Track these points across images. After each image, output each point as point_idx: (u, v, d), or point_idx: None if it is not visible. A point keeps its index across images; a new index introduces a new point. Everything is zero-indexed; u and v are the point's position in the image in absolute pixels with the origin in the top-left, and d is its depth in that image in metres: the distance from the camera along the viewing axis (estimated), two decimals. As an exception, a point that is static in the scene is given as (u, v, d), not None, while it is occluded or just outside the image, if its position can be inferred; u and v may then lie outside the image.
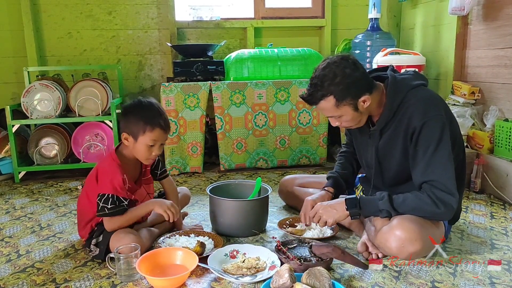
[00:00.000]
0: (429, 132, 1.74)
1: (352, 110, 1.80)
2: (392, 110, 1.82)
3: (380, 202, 1.79)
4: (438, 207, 1.72)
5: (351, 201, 1.85)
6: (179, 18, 3.92)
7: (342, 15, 4.15)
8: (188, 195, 2.44)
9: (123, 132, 1.89)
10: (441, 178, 1.72)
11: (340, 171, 2.21)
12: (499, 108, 2.83)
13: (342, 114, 1.81)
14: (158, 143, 1.90)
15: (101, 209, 1.83)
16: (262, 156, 3.42)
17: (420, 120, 1.75)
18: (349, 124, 1.89)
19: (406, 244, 1.72)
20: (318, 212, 1.91)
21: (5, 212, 2.57)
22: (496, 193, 2.65)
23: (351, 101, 1.77)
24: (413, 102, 1.79)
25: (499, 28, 2.87)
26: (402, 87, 1.83)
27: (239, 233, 2.12)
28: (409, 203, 1.76)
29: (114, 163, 1.88)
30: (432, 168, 1.74)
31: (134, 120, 1.87)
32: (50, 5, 3.71)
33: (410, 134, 1.79)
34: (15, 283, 1.72)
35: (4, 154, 3.34)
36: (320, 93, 1.77)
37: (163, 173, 2.16)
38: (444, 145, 1.74)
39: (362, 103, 1.79)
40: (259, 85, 3.32)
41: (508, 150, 2.65)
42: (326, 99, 1.77)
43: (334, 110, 1.80)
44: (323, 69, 1.77)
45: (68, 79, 3.70)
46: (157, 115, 1.89)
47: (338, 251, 1.75)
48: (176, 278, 1.66)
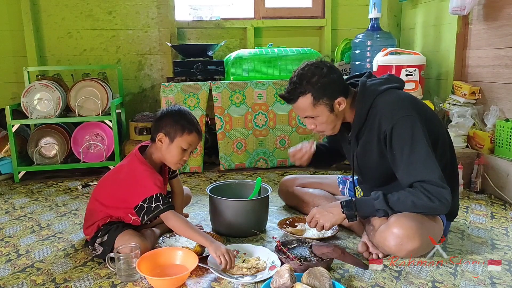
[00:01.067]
0: (399, 135, 1.77)
1: (328, 111, 1.85)
2: (362, 116, 1.88)
3: (376, 202, 1.79)
4: (432, 201, 1.71)
5: (347, 203, 1.85)
6: (179, 18, 3.92)
7: (342, 15, 4.15)
8: (190, 195, 2.44)
9: (159, 133, 1.90)
10: (426, 176, 1.73)
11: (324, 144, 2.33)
12: (499, 108, 2.83)
13: (318, 115, 1.86)
14: (190, 148, 1.92)
15: (155, 208, 1.81)
16: (262, 156, 3.41)
17: (388, 124, 1.78)
18: (324, 128, 1.92)
19: (404, 242, 1.71)
20: (314, 217, 1.92)
21: (5, 212, 2.57)
22: (497, 193, 2.64)
23: (327, 101, 1.83)
24: (380, 107, 1.83)
25: (499, 28, 2.87)
26: (370, 92, 1.87)
27: (239, 233, 2.12)
28: (405, 200, 1.75)
29: (147, 166, 1.89)
30: (414, 168, 1.75)
31: (173, 122, 1.90)
32: (50, 5, 3.71)
33: (382, 139, 1.82)
34: (14, 283, 1.72)
35: (3, 154, 3.34)
36: (298, 91, 1.84)
37: (174, 172, 2.17)
38: (418, 143, 1.75)
39: (337, 105, 1.85)
40: (259, 85, 3.32)
41: (508, 150, 2.64)
42: (304, 97, 1.83)
43: (310, 109, 1.85)
44: (302, 69, 1.86)
45: (68, 79, 3.70)
46: (195, 121, 1.95)
47: (338, 251, 1.75)
48: (176, 278, 1.66)
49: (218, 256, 1.72)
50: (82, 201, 2.74)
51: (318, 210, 1.93)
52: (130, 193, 1.85)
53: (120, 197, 1.89)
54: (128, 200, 1.86)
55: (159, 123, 1.92)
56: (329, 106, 1.84)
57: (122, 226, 1.92)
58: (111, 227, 1.91)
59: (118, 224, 1.92)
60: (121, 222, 1.95)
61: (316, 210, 1.93)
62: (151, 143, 1.97)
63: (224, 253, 1.72)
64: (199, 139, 1.95)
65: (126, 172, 1.91)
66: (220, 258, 1.71)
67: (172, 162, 1.93)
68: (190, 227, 1.83)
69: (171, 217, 1.82)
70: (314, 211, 1.93)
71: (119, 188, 1.90)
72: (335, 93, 1.84)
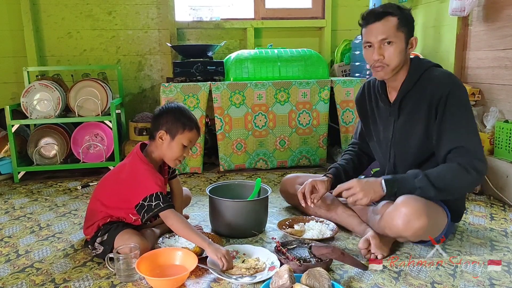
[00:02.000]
0: (456, 100, 1.81)
1: (404, 42, 1.87)
2: (414, 78, 1.91)
3: (416, 179, 1.81)
4: (469, 173, 1.75)
5: (388, 181, 1.86)
6: (179, 19, 3.93)
7: (342, 15, 4.16)
8: (189, 196, 2.44)
9: (159, 130, 1.91)
10: (468, 144, 1.77)
11: (343, 164, 2.26)
12: (499, 109, 2.83)
13: (395, 41, 1.85)
14: (190, 145, 1.94)
15: (155, 206, 1.82)
16: (262, 156, 3.42)
17: (445, 88, 1.82)
18: (391, 60, 1.87)
19: (411, 219, 1.74)
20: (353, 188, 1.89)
21: (5, 212, 2.57)
22: (496, 195, 2.65)
23: (407, 32, 1.87)
24: (435, 75, 1.88)
25: (499, 29, 2.87)
26: (425, 62, 1.96)
27: (239, 233, 2.12)
28: (445, 175, 1.79)
29: (147, 165, 1.90)
30: (461, 134, 1.79)
31: (173, 119, 1.91)
32: (50, 5, 3.72)
33: (435, 105, 1.84)
34: (14, 283, 1.72)
35: (3, 154, 3.34)
36: (390, 9, 1.86)
37: (173, 172, 2.18)
38: (470, 113, 1.82)
39: (411, 43, 1.90)
40: (259, 85, 3.32)
41: (508, 152, 2.64)
42: (392, 17, 1.85)
43: (393, 31, 1.85)
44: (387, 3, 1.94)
45: (68, 79, 3.70)
46: (194, 118, 1.97)
47: (338, 252, 1.75)
48: (175, 278, 1.66)
49: (220, 259, 1.72)
50: (82, 201, 2.74)
51: (360, 183, 1.89)
52: (131, 192, 1.85)
53: (121, 196, 1.89)
54: (129, 199, 1.86)
55: (159, 120, 1.93)
56: (406, 39, 1.88)
57: (122, 226, 1.92)
58: (111, 226, 1.91)
59: (118, 224, 1.93)
60: (122, 221, 1.95)
61: (357, 183, 1.89)
62: (150, 141, 1.97)
63: (224, 255, 1.73)
64: (198, 135, 1.97)
65: (128, 171, 1.92)
66: (222, 260, 1.72)
67: (172, 159, 1.94)
68: (189, 228, 1.83)
69: (170, 216, 1.83)
70: (354, 183, 1.90)
71: (121, 187, 1.90)
72: (413, 30, 1.90)
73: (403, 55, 1.88)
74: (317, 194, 2.10)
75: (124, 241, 1.83)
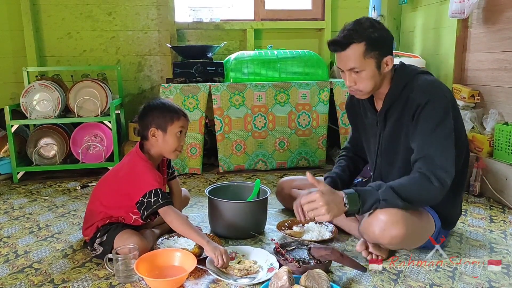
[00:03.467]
0: (431, 110, 1.74)
1: (375, 67, 1.79)
2: (398, 88, 1.84)
3: (380, 191, 1.72)
4: (431, 183, 1.69)
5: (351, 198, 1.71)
6: (179, 19, 3.93)
7: (342, 17, 4.16)
8: (188, 197, 2.44)
9: (150, 129, 1.93)
10: (436, 154, 1.71)
11: (338, 172, 2.18)
12: (498, 111, 2.83)
13: (364, 68, 1.78)
14: (184, 131, 1.97)
15: (154, 203, 1.82)
16: (261, 158, 3.42)
17: (424, 98, 1.75)
18: (364, 86, 1.82)
19: (387, 227, 1.70)
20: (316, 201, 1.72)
21: (4, 212, 2.56)
22: (496, 197, 2.65)
23: (377, 56, 1.78)
24: (419, 83, 1.81)
25: (499, 31, 2.88)
26: (410, 70, 1.88)
27: (238, 235, 2.12)
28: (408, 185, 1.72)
29: (146, 162, 1.92)
30: (429, 144, 1.73)
31: (159, 114, 1.94)
32: (50, 6, 3.71)
33: (412, 113, 1.79)
34: (13, 283, 1.72)
35: (3, 154, 3.33)
36: (353, 37, 1.76)
37: (173, 173, 2.19)
38: (444, 124, 1.73)
39: (385, 64, 1.81)
40: (259, 87, 3.32)
41: (507, 154, 2.64)
42: (357, 45, 1.76)
43: (359, 59, 1.77)
44: (358, 20, 1.81)
45: (68, 79, 3.70)
46: (178, 107, 2.00)
47: (337, 254, 1.75)
48: (174, 279, 1.66)
49: (217, 257, 1.73)
50: (81, 201, 2.74)
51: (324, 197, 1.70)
52: (131, 188, 1.86)
53: (121, 193, 1.90)
54: (129, 196, 1.87)
55: (146, 119, 1.95)
56: (378, 62, 1.79)
57: (121, 226, 1.92)
58: (110, 227, 1.92)
59: (117, 224, 1.93)
60: (121, 222, 1.95)
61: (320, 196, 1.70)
62: (143, 141, 1.98)
63: (222, 253, 1.74)
64: (188, 121, 2.00)
65: (127, 168, 1.94)
66: (218, 259, 1.72)
67: (171, 151, 1.95)
68: (187, 225, 1.84)
69: (170, 212, 1.84)
70: (318, 195, 1.71)
71: (120, 185, 1.91)
72: (386, 50, 1.81)
73: (376, 78, 1.82)
74: None
75: (123, 241, 1.83)
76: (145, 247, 1.86)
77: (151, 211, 1.83)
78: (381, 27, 1.81)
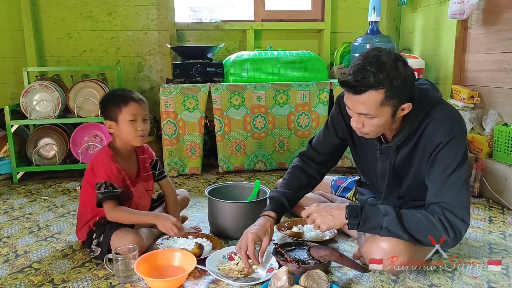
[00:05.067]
0: (452, 150, 1.60)
1: (390, 115, 1.57)
2: (415, 124, 1.66)
3: (385, 218, 1.59)
4: (447, 233, 1.55)
5: (352, 209, 1.63)
6: (179, 20, 3.93)
7: (342, 18, 4.16)
8: (187, 198, 2.44)
9: (105, 122, 1.97)
10: (454, 201, 1.57)
11: (285, 190, 1.95)
12: (498, 112, 2.84)
13: (378, 116, 1.56)
14: (139, 117, 1.94)
15: (97, 197, 1.87)
16: (261, 158, 3.42)
17: (445, 136, 1.59)
18: (372, 130, 1.63)
19: (389, 256, 1.61)
20: (312, 215, 1.71)
21: (3, 212, 2.56)
22: (495, 198, 2.65)
23: (396, 104, 1.55)
24: (437, 116, 1.63)
25: (498, 32, 2.88)
26: (427, 99, 1.66)
27: (238, 235, 2.10)
28: (421, 224, 1.57)
29: (106, 153, 1.94)
30: (447, 189, 1.59)
31: (107, 105, 1.96)
32: (50, 6, 3.71)
33: (430, 150, 1.64)
34: (12, 283, 1.72)
35: (2, 154, 3.33)
36: (372, 81, 1.48)
37: (161, 173, 2.20)
38: (463, 166, 1.60)
39: (401, 110, 1.59)
40: (258, 87, 3.32)
41: (507, 155, 2.65)
42: (375, 91, 1.50)
43: (374, 107, 1.53)
44: (379, 56, 1.51)
45: (68, 79, 3.70)
46: (127, 92, 1.98)
47: (336, 254, 1.75)
48: (174, 279, 1.66)
49: (170, 228, 1.84)
50: (81, 202, 2.74)
51: (318, 208, 1.71)
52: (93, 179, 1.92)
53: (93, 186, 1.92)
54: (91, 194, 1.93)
55: (102, 114, 2.00)
56: (394, 110, 1.56)
57: (116, 225, 1.92)
58: (105, 227, 1.93)
59: (112, 224, 1.93)
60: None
61: (315, 208, 1.71)
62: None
63: (174, 223, 1.85)
64: (140, 105, 1.95)
65: (91, 161, 2.00)
66: (173, 230, 1.84)
67: (131, 137, 1.96)
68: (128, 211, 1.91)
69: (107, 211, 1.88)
70: (313, 208, 1.71)
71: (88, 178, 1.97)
72: (407, 96, 1.56)
73: (388, 123, 1.61)
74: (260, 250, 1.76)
75: (119, 239, 1.84)
76: (142, 245, 1.87)
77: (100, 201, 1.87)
78: (407, 70, 1.54)
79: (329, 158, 2.05)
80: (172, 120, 3.24)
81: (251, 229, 1.78)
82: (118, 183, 1.91)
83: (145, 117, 1.97)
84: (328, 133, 1.99)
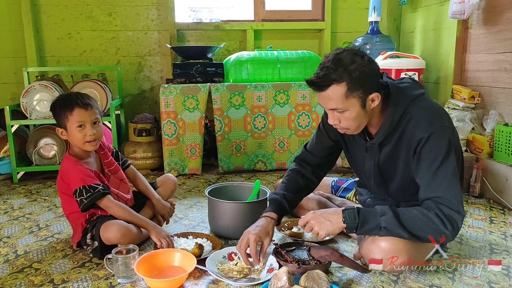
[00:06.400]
0: (435, 145, 1.63)
1: (359, 106, 1.64)
2: (394, 120, 1.70)
3: (383, 218, 1.61)
4: (445, 227, 1.57)
5: (349, 213, 1.66)
6: (179, 20, 3.92)
7: (342, 18, 4.16)
8: (172, 180, 2.39)
9: (57, 130, 1.97)
10: (447, 195, 1.59)
11: (285, 192, 1.98)
12: (498, 112, 2.84)
13: (348, 109, 1.64)
14: (87, 123, 1.92)
15: (80, 203, 1.88)
16: (261, 158, 3.42)
17: (425, 131, 1.63)
18: (349, 125, 1.70)
19: (389, 256, 1.62)
20: (309, 222, 1.73)
21: (3, 212, 2.56)
22: (496, 198, 2.65)
23: (361, 94, 1.62)
24: (416, 113, 1.67)
25: (499, 32, 2.88)
26: (404, 97, 1.71)
27: (238, 235, 2.09)
28: (419, 220, 1.59)
29: (70, 160, 1.95)
30: (437, 183, 1.61)
31: (57, 113, 1.94)
32: (50, 6, 3.71)
33: (413, 147, 1.67)
34: (13, 283, 1.72)
35: (3, 154, 3.33)
36: (332, 77, 1.59)
37: (124, 163, 2.24)
38: (450, 159, 1.62)
39: (371, 101, 1.65)
40: (259, 87, 3.32)
41: (507, 155, 2.65)
42: (337, 85, 1.60)
43: (341, 100, 1.62)
44: (338, 54, 1.63)
45: (68, 80, 3.70)
46: (73, 98, 1.94)
47: (337, 254, 1.75)
48: (174, 280, 1.66)
49: (159, 240, 1.86)
50: (81, 202, 2.74)
51: (315, 215, 1.73)
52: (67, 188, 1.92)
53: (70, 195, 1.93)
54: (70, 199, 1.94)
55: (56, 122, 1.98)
56: (362, 101, 1.63)
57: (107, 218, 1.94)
58: (96, 221, 1.94)
59: (103, 217, 1.95)
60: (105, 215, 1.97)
61: (312, 215, 1.73)
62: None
63: (165, 237, 1.88)
64: (85, 110, 1.91)
65: (60, 173, 2.00)
66: (161, 241, 1.86)
67: (81, 143, 1.94)
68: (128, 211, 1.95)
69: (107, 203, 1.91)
70: (309, 216, 1.74)
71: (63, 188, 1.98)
72: (371, 86, 1.64)
73: (361, 117, 1.68)
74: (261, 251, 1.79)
75: (107, 228, 1.86)
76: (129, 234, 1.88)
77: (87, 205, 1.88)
78: (364, 61, 1.62)
79: (324, 161, 2.10)
80: (172, 120, 3.24)
81: (253, 229, 1.80)
82: (94, 181, 1.91)
83: (95, 120, 1.94)
84: (321, 135, 2.05)
